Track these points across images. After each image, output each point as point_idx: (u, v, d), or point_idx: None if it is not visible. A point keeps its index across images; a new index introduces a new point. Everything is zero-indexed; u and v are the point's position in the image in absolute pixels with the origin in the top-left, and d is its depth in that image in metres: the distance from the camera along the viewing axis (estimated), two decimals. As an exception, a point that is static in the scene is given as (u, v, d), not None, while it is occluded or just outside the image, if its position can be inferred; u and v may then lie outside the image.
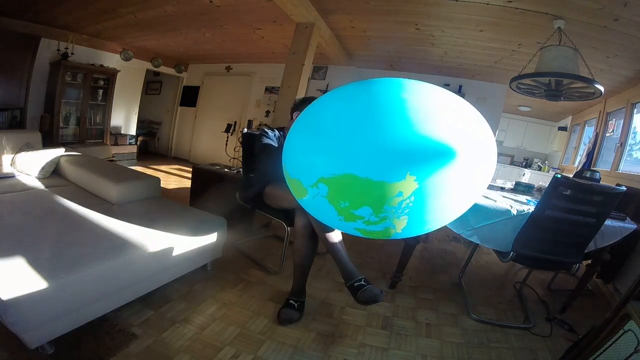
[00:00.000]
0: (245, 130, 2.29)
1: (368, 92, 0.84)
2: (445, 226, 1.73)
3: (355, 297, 1.38)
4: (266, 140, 1.87)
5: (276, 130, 1.99)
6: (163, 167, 5.65)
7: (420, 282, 2.24)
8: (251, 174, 2.18)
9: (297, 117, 1.82)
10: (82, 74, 4.69)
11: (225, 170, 2.94)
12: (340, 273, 1.48)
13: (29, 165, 2.36)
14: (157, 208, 1.99)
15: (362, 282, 1.39)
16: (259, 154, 1.89)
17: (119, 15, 3.89)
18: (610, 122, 4.21)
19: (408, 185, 0.74)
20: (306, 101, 1.91)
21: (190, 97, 6.73)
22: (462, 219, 1.75)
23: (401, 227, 0.83)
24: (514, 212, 1.72)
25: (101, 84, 5.09)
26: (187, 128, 6.82)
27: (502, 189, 2.51)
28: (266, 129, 1.97)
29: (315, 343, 1.47)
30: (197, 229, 1.78)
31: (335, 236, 1.52)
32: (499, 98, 4.81)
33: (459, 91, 4.85)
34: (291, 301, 1.64)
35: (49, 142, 3.11)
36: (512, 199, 1.96)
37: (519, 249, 1.71)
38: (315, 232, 1.55)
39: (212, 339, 1.40)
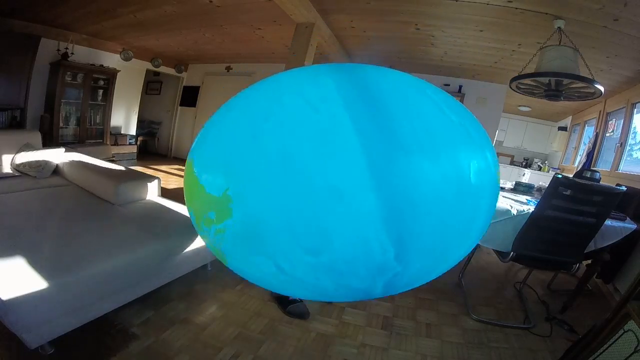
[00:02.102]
0: None
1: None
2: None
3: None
4: None
5: None
6: (163, 167, 5.65)
7: (420, 282, 2.24)
8: None
9: None
10: (82, 74, 4.69)
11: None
12: None
13: (29, 165, 2.36)
14: (157, 208, 1.99)
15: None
16: None
17: (119, 15, 3.89)
18: (610, 122, 4.21)
19: (221, 208, 0.59)
20: None
21: (190, 97, 6.72)
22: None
23: (225, 262, 0.70)
24: (514, 212, 1.72)
25: (101, 84, 5.08)
26: (187, 128, 6.81)
27: (502, 189, 2.52)
28: None
29: (315, 343, 1.47)
30: (197, 229, 1.78)
31: None
32: (499, 98, 4.81)
33: (459, 91, 4.85)
34: (292, 297, 1.65)
35: (49, 142, 3.11)
36: (512, 199, 1.97)
37: (519, 249, 1.71)
38: None
39: (212, 339, 1.40)
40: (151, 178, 2.23)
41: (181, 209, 2.03)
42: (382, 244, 0.52)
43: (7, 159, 2.42)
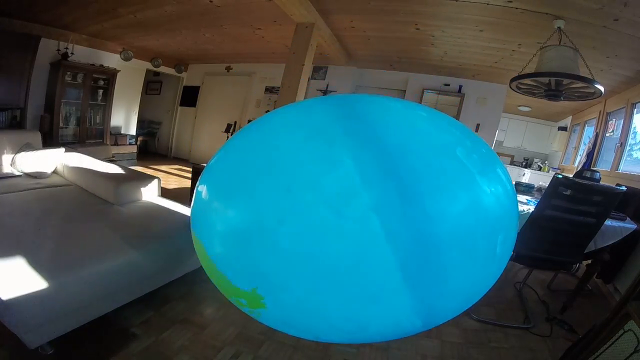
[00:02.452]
0: None
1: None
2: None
3: None
4: None
5: None
6: (163, 167, 5.65)
7: (420, 282, 2.24)
8: None
9: None
10: (82, 74, 4.69)
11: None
12: None
13: (29, 165, 2.36)
14: (157, 208, 1.99)
15: None
16: None
17: (119, 15, 3.89)
18: (610, 122, 4.21)
19: (253, 301, 0.61)
20: None
21: (190, 97, 6.73)
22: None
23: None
24: (514, 212, 1.72)
25: (101, 84, 5.08)
26: (187, 128, 6.81)
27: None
28: None
29: (315, 343, 1.47)
30: (197, 229, 1.78)
31: None
32: (499, 98, 4.81)
33: (459, 91, 4.85)
34: None
35: (49, 142, 3.11)
36: (512, 199, 1.96)
37: (519, 249, 1.70)
38: None
39: (212, 339, 1.40)
40: (151, 178, 2.23)
41: (181, 209, 2.03)
42: (413, 323, 0.57)
43: (7, 159, 2.42)
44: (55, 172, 2.49)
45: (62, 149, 2.56)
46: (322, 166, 0.55)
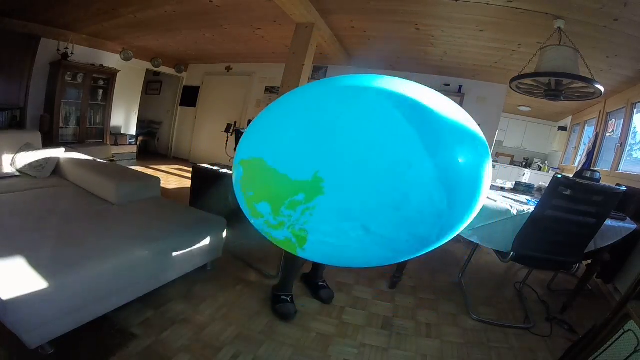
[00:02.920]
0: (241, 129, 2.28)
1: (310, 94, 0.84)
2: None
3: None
4: None
5: None
6: (163, 167, 5.65)
7: (420, 282, 2.24)
8: None
9: None
10: (82, 74, 4.69)
11: (226, 170, 2.94)
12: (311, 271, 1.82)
13: (29, 165, 2.36)
14: (157, 208, 1.99)
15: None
16: None
17: (119, 15, 3.89)
18: (610, 122, 4.21)
19: (312, 188, 0.69)
20: None
21: (190, 97, 6.73)
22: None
23: (302, 244, 0.77)
24: (514, 212, 1.72)
25: (101, 84, 5.08)
26: (187, 128, 6.81)
27: (502, 189, 2.52)
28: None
29: (315, 343, 1.47)
30: (197, 229, 1.78)
31: None
32: (499, 98, 4.81)
33: (459, 91, 4.85)
34: (283, 297, 1.66)
35: (49, 142, 3.11)
36: (512, 199, 1.97)
37: (519, 249, 1.70)
38: None
39: (212, 339, 1.40)
40: (151, 178, 2.23)
41: (181, 209, 2.03)
42: (440, 195, 0.70)
43: (7, 159, 2.42)
44: (55, 172, 2.49)
45: (62, 149, 2.56)
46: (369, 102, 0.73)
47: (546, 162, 6.76)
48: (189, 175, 3.59)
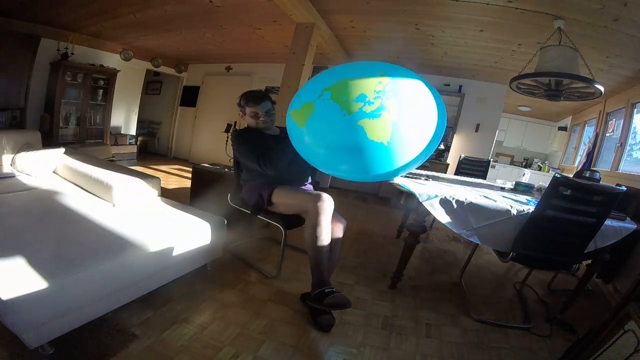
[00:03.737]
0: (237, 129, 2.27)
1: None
2: (445, 226, 1.75)
3: (321, 303, 1.49)
4: (255, 146, 1.84)
5: (248, 133, 1.98)
6: (163, 167, 5.65)
7: (420, 282, 2.24)
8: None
9: (249, 112, 1.92)
10: (82, 74, 4.69)
11: (225, 170, 2.94)
12: (312, 280, 1.61)
13: (29, 165, 2.36)
14: (157, 208, 1.99)
15: (333, 290, 1.53)
16: (263, 160, 1.78)
17: (119, 15, 3.90)
18: (610, 122, 4.22)
19: (382, 77, 1.08)
20: (249, 97, 1.90)
21: (190, 97, 6.73)
22: (461, 219, 1.76)
23: (394, 110, 1.03)
24: (514, 212, 1.72)
25: (101, 84, 5.09)
26: (187, 128, 6.82)
27: (502, 189, 2.52)
28: (241, 132, 1.98)
29: (315, 343, 1.47)
30: (197, 229, 1.78)
31: (322, 243, 1.60)
32: (499, 98, 4.82)
33: (459, 91, 4.85)
34: (327, 290, 1.52)
35: (49, 142, 3.11)
36: (512, 199, 1.96)
37: (518, 249, 1.70)
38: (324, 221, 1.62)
39: (212, 339, 1.40)
40: (151, 178, 2.23)
41: (181, 209, 2.03)
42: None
43: (7, 159, 2.42)
44: (55, 172, 2.49)
45: (62, 149, 2.56)
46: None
47: (546, 162, 6.76)
48: (189, 175, 3.60)
